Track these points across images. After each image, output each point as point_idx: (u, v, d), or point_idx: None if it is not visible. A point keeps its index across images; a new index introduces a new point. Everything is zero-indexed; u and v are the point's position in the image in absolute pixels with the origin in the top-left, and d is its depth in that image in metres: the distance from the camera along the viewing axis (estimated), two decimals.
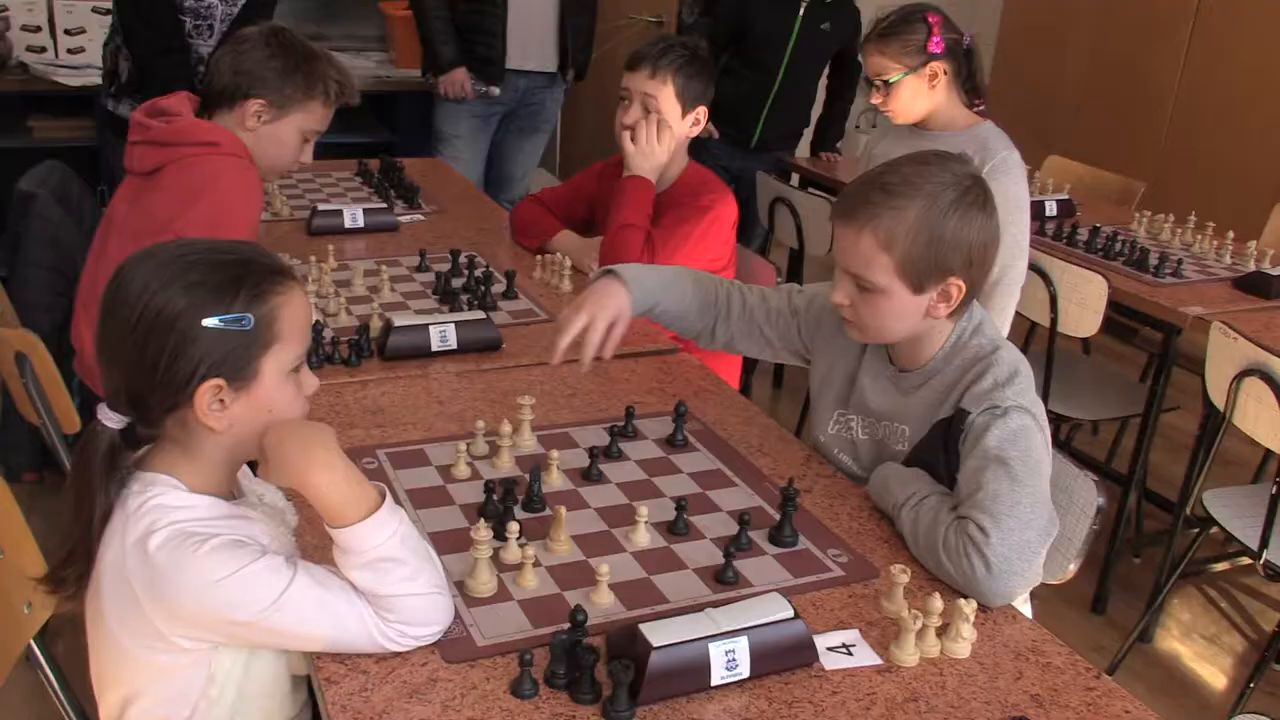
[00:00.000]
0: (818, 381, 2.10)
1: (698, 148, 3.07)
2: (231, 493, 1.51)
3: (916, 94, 3.01)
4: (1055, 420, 3.65)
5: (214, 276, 1.37)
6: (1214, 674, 3.33)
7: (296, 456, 1.39)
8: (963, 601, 1.56)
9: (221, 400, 1.39)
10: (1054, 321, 3.50)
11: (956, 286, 1.79)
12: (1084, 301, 3.40)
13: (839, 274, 1.85)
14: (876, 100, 3.04)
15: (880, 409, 1.96)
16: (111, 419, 1.39)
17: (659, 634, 1.41)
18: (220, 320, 1.36)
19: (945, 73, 2.99)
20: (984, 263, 1.80)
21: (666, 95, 2.84)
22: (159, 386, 1.36)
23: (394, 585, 1.40)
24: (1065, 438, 4.18)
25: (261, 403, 1.42)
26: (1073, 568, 2.01)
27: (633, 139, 2.86)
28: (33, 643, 1.72)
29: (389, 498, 1.44)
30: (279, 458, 1.40)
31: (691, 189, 2.91)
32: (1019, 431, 1.73)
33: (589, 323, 1.99)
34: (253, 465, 1.62)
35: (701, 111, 2.89)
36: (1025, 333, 4.32)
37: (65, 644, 1.75)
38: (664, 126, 2.85)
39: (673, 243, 2.79)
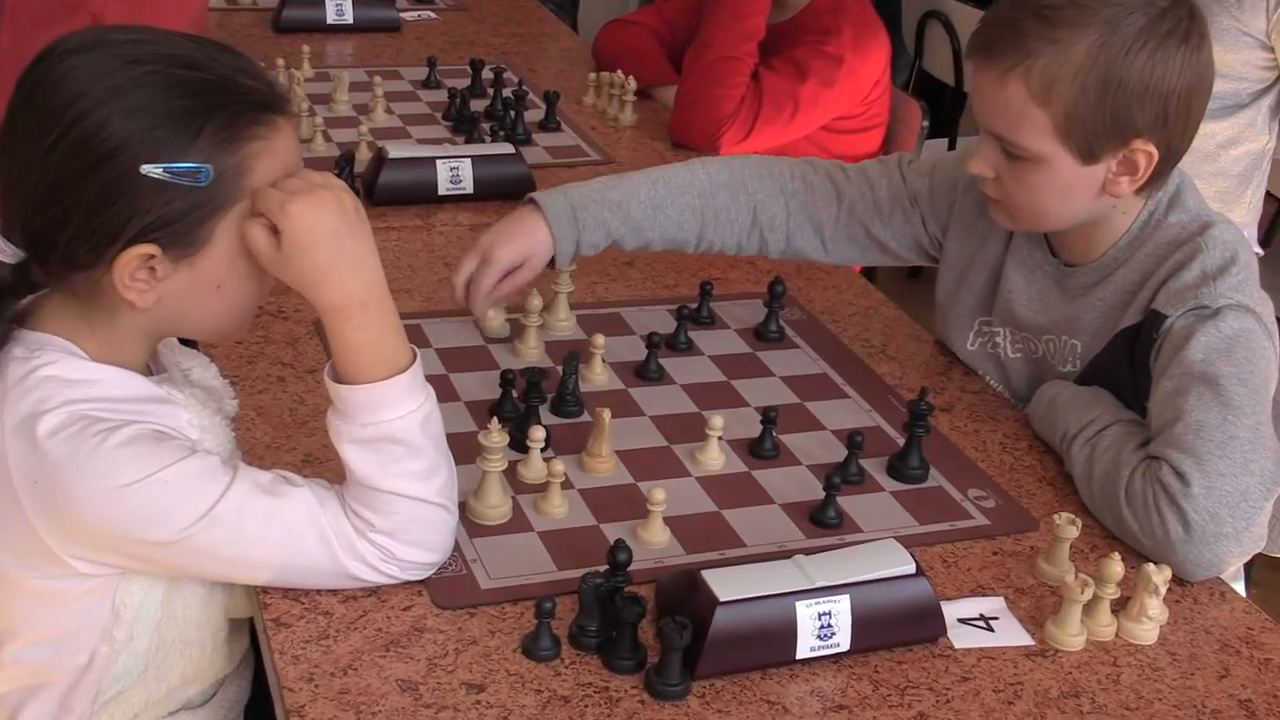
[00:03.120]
0: (950, 281, 2.05)
1: None
2: (149, 367, 1.51)
3: None
4: None
5: (172, 101, 1.34)
6: None
7: (340, 261, 1.39)
8: (1151, 569, 1.54)
9: (152, 269, 1.37)
10: None
11: (1145, 153, 1.72)
12: None
13: (981, 135, 1.81)
14: None
15: (1038, 319, 1.92)
16: (4, 251, 1.38)
17: (728, 585, 1.41)
18: (164, 170, 1.33)
19: None
20: (1186, 119, 1.73)
21: None
22: (74, 237, 1.35)
23: (398, 479, 1.41)
24: None
25: (207, 277, 1.41)
26: None
27: None
28: None
29: (419, 362, 1.45)
30: (312, 244, 1.37)
31: (822, 24, 2.85)
32: (1236, 339, 1.70)
33: (481, 263, 1.91)
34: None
35: None
36: (1270, 218, 4.24)
37: None
38: None
39: (784, 96, 2.76)
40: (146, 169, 1.32)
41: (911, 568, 1.48)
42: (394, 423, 1.41)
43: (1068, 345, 1.90)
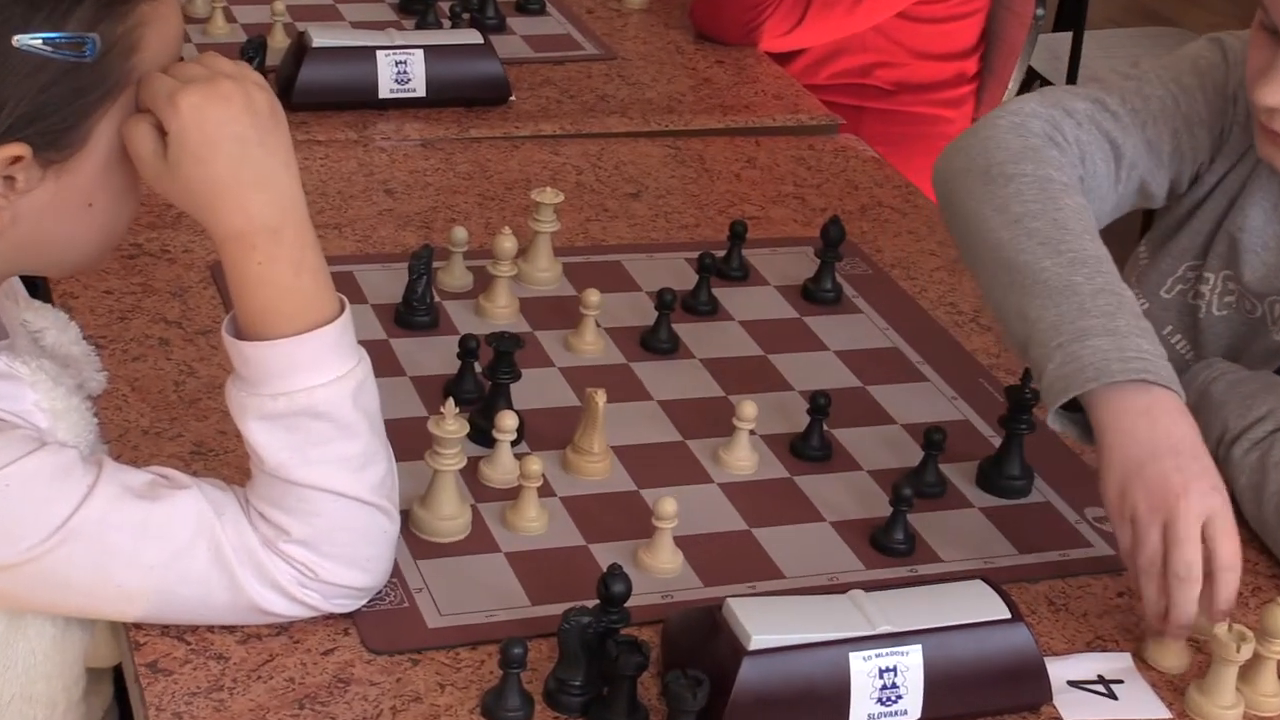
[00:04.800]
0: (1178, 215, 2.02)
1: None
2: None
3: None
4: None
5: None
6: None
7: (243, 176, 1.39)
8: None
9: (11, 179, 1.37)
10: None
11: None
12: None
13: None
14: None
15: (1269, 272, 1.91)
16: None
17: (760, 628, 1.41)
18: (45, 40, 1.33)
19: None
20: None
21: None
22: None
23: (322, 468, 1.41)
24: None
25: (77, 192, 1.41)
26: None
27: None
28: None
29: (349, 313, 1.45)
30: (207, 151, 1.37)
31: None
32: None
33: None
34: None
35: None
36: None
37: None
38: None
39: None
40: (21, 40, 1.32)
41: (1005, 612, 1.48)
42: (316, 391, 1.40)
43: None
